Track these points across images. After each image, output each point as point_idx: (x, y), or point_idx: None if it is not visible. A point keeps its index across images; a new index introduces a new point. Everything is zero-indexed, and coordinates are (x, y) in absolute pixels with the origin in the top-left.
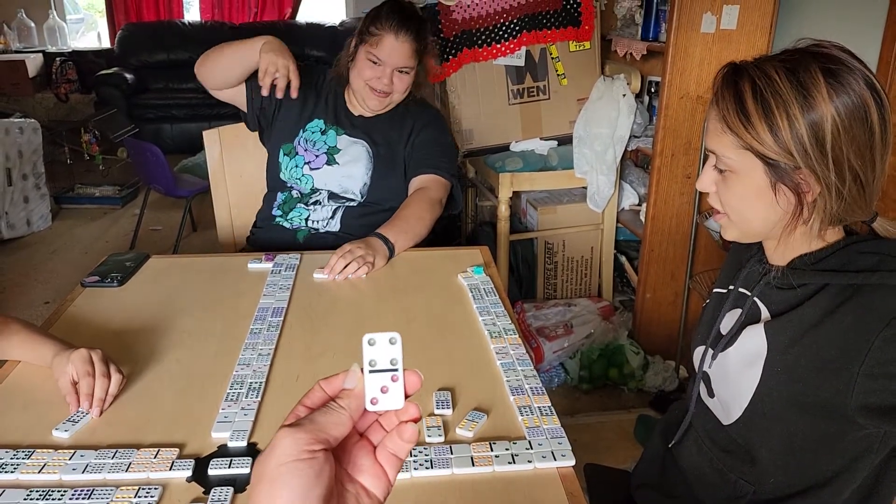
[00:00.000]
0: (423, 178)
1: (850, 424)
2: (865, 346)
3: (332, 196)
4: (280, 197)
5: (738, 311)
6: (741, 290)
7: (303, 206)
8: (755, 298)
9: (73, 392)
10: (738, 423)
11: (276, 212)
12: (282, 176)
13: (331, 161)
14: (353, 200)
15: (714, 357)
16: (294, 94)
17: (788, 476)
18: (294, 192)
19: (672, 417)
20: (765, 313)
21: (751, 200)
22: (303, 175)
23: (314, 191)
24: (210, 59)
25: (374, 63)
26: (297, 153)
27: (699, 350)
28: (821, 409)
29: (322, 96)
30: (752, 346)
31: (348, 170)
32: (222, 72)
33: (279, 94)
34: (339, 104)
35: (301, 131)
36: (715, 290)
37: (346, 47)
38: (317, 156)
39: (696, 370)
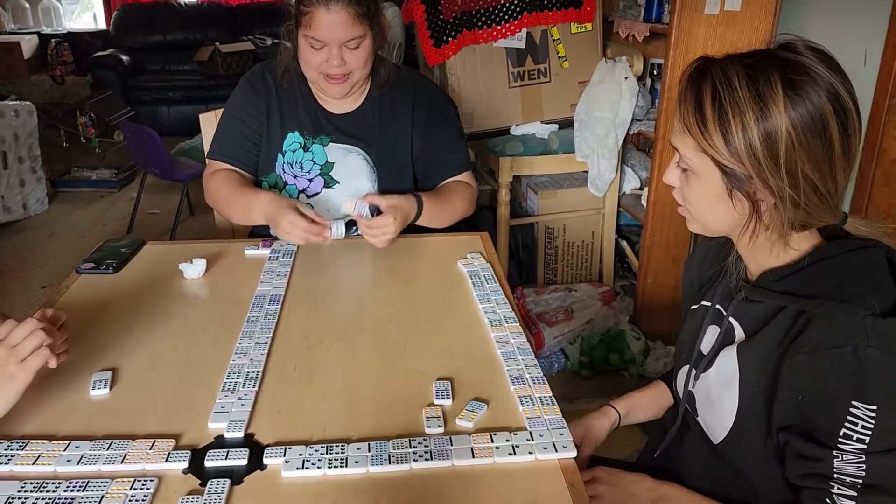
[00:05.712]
0: (456, 180)
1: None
2: (780, 370)
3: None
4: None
5: (717, 328)
6: (717, 307)
7: None
8: (731, 319)
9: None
10: (724, 445)
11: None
12: None
13: (329, 182)
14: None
15: (696, 377)
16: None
17: (778, 495)
18: None
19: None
20: (739, 333)
21: (710, 202)
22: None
23: None
24: (219, 208)
25: (316, 47)
26: (285, 183)
27: (684, 370)
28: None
29: (285, 101)
30: (728, 369)
31: (352, 186)
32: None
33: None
34: (311, 104)
35: (279, 154)
36: (691, 308)
37: (283, 34)
38: (310, 180)
39: (682, 390)
